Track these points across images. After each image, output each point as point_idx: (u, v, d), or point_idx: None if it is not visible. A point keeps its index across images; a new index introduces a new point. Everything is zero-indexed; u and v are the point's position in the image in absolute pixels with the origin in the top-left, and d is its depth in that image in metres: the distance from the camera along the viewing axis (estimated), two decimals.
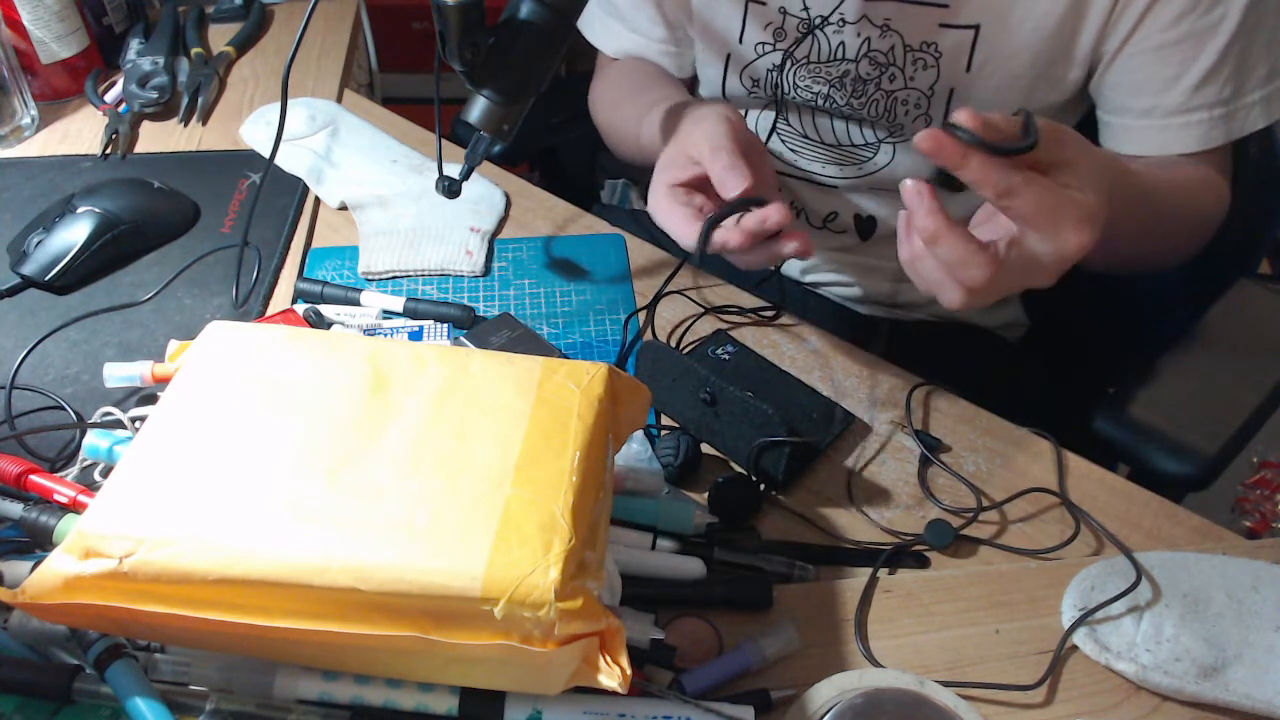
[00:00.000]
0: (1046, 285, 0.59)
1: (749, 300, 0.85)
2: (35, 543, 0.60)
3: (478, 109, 0.71)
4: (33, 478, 0.62)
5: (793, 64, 0.87)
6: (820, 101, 0.88)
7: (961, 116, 0.54)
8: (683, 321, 0.82)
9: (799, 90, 0.89)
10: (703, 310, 0.83)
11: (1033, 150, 0.54)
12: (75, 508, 0.60)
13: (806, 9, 0.83)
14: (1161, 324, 0.95)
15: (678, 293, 0.84)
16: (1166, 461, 0.74)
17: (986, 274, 0.56)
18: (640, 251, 0.90)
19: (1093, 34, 0.78)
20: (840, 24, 0.82)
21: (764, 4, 0.85)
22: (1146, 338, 0.95)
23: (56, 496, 0.61)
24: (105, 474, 0.65)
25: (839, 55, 0.84)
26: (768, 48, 0.88)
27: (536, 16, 0.69)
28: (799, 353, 0.80)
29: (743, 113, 0.96)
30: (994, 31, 0.79)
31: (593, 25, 0.98)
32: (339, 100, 1.08)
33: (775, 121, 0.94)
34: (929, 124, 0.85)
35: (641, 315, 0.82)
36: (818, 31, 0.84)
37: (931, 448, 0.72)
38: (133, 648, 0.53)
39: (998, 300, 0.60)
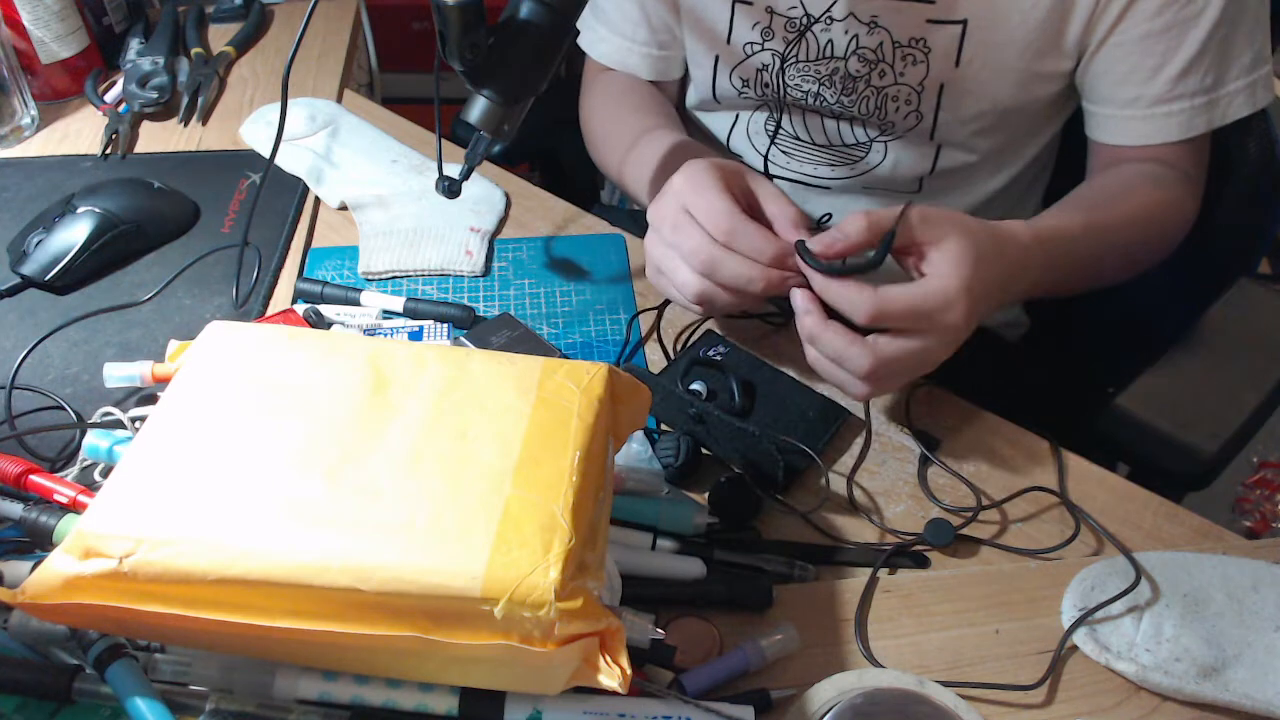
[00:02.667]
0: (942, 359, 0.66)
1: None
2: (35, 543, 0.60)
3: (478, 109, 0.71)
4: (33, 478, 0.62)
5: (782, 63, 0.87)
6: (811, 100, 0.88)
7: (813, 243, 0.64)
8: (689, 326, 0.82)
9: (789, 89, 0.89)
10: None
11: (876, 268, 0.63)
12: (75, 508, 0.60)
13: (794, 7, 0.83)
14: (1161, 324, 0.95)
15: None
16: (1167, 461, 0.74)
17: (867, 362, 0.63)
18: (640, 252, 0.89)
19: (1080, 25, 0.78)
20: (828, 21, 0.82)
21: (750, 3, 0.85)
22: (1146, 338, 0.95)
23: (56, 496, 0.61)
24: (105, 474, 0.65)
25: (827, 53, 0.84)
26: (756, 47, 0.88)
27: (536, 16, 0.69)
28: (798, 353, 0.80)
29: (735, 115, 0.97)
30: (981, 26, 0.79)
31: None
32: (339, 100, 1.08)
33: (767, 123, 0.94)
34: (919, 120, 0.85)
35: (647, 320, 0.82)
36: (805, 30, 0.84)
37: (931, 448, 0.72)
38: (133, 648, 0.53)
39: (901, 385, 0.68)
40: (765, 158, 0.95)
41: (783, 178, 0.96)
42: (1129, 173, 0.83)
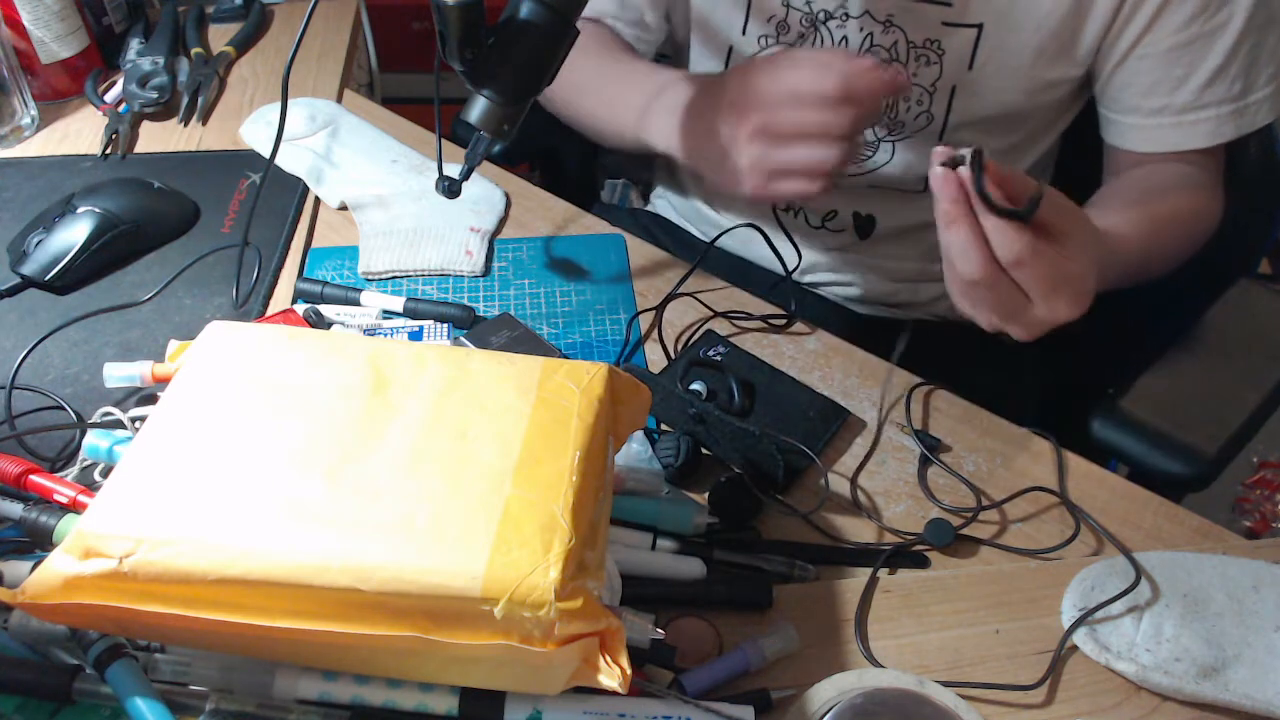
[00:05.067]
0: (1025, 337, 0.63)
1: (757, 306, 0.84)
2: (35, 543, 0.60)
3: (478, 109, 0.71)
4: (33, 478, 0.62)
5: None
6: None
7: (986, 166, 0.58)
8: (689, 326, 0.82)
9: None
10: (710, 314, 0.83)
11: (1029, 217, 0.58)
12: (75, 508, 0.60)
13: (809, 3, 0.83)
14: (1162, 324, 0.95)
15: (687, 295, 0.84)
16: (1166, 462, 0.74)
17: (978, 267, 0.58)
18: (640, 251, 0.90)
19: (1095, 35, 0.78)
20: (843, 18, 0.83)
21: None
22: (1146, 338, 0.95)
23: (56, 496, 0.61)
24: (105, 474, 0.65)
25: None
26: (770, 41, 0.88)
27: (536, 16, 0.69)
28: (798, 353, 0.80)
29: None
30: (996, 30, 0.79)
31: None
32: (339, 100, 1.08)
33: None
34: (930, 121, 0.85)
35: (646, 319, 0.82)
36: (820, 26, 0.84)
37: (931, 448, 0.72)
38: (133, 648, 0.53)
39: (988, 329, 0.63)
40: None
41: None
42: (1162, 173, 0.83)
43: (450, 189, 0.78)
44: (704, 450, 0.70)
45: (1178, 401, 0.77)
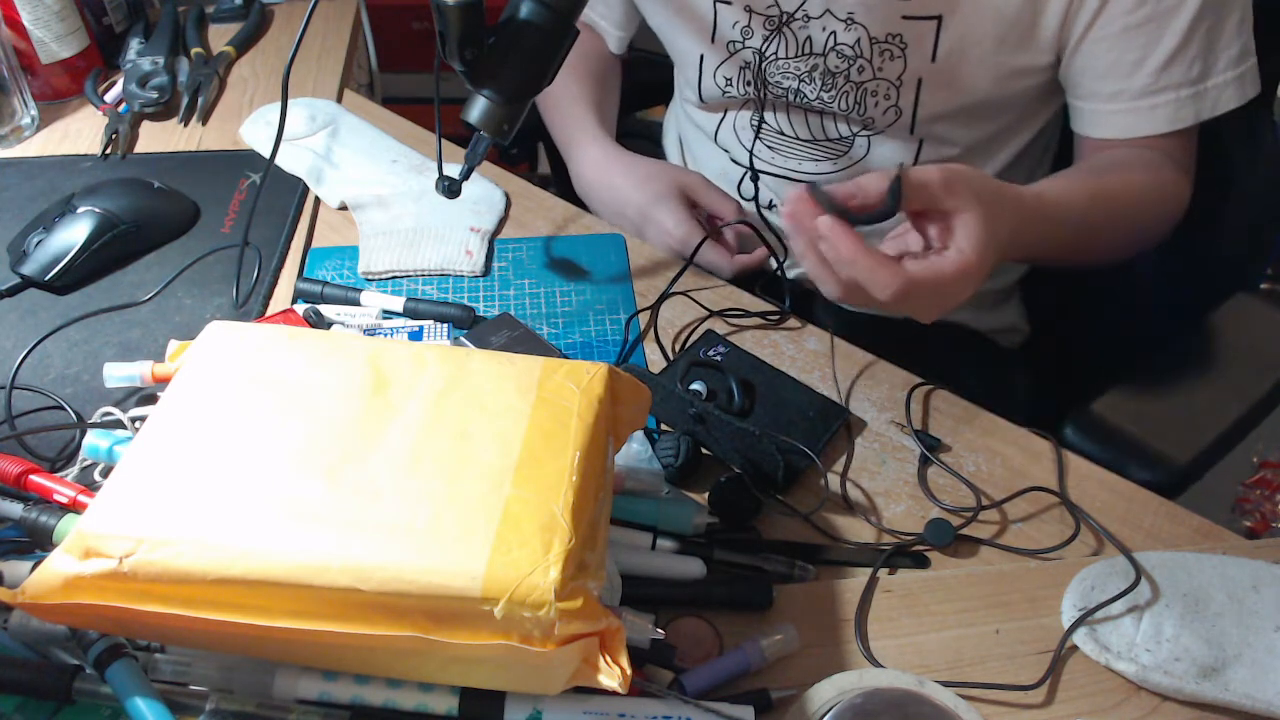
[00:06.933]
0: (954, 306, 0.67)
1: (752, 303, 0.85)
2: (35, 543, 0.60)
3: (478, 109, 0.71)
4: (33, 478, 0.62)
5: (762, 60, 0.88)
6: (792, 97, 0.89)
7: (833, 187, 0.63)
8: (688, 325, 0.82)
9: (771, 87, 0.89)
10: (707, 313, 0.83)
11: (892, 216, 0.63)
12: (75, 508, 0.60)
13: (771, 5, 0.84)
14: (1162, 335, 0.95)
15: (681, 294, 0.84)
16: (1135, 468, 0.73)
17: (897, 284, 0.62)
18: (640, 251, 0.90)
19: (1056, 18, 0.78)
20: (805, 19, 0.83)
21: (730, 3, 0.86)
22: (1147, 349, 0.95)
23: (56, 496, 0.61)
24: (105, 474, 0.65)
25: (806, 50, 0.85)
26: (738, 46, 0.89)
27: (536, 16, 0.69)
28: (798, 353, 0.80)
29: (723, 112, 0.97)
30: (955, 20, 0.79)
31: None
32: (339, 100, 1.08)
33: (752, 119, 0.95)
34: (899, 115, 0.86)
35: (644, 318, 0.82)
36: (784, 27, 0.84)
37: (931, 448, 0.72)
38: (133, 648, 0.53)
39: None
40: (751, 153, 0.96)
41: (768, 173, 0.97)
42: (1122, 154, 0.83)
43: (450, 189, 0.78)
44: (704, 450, 0.70)
45: (1158, 409, 0.77)
